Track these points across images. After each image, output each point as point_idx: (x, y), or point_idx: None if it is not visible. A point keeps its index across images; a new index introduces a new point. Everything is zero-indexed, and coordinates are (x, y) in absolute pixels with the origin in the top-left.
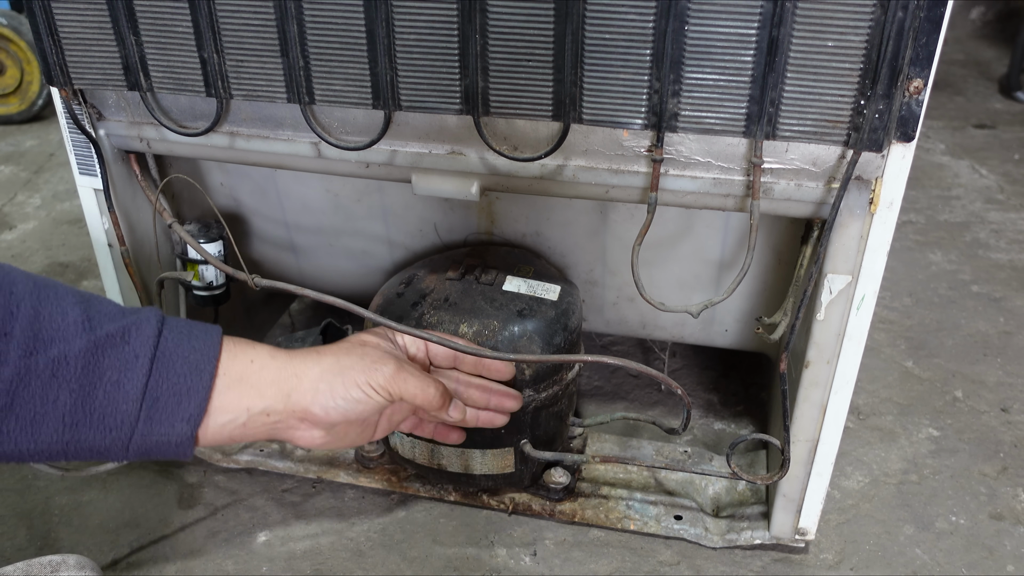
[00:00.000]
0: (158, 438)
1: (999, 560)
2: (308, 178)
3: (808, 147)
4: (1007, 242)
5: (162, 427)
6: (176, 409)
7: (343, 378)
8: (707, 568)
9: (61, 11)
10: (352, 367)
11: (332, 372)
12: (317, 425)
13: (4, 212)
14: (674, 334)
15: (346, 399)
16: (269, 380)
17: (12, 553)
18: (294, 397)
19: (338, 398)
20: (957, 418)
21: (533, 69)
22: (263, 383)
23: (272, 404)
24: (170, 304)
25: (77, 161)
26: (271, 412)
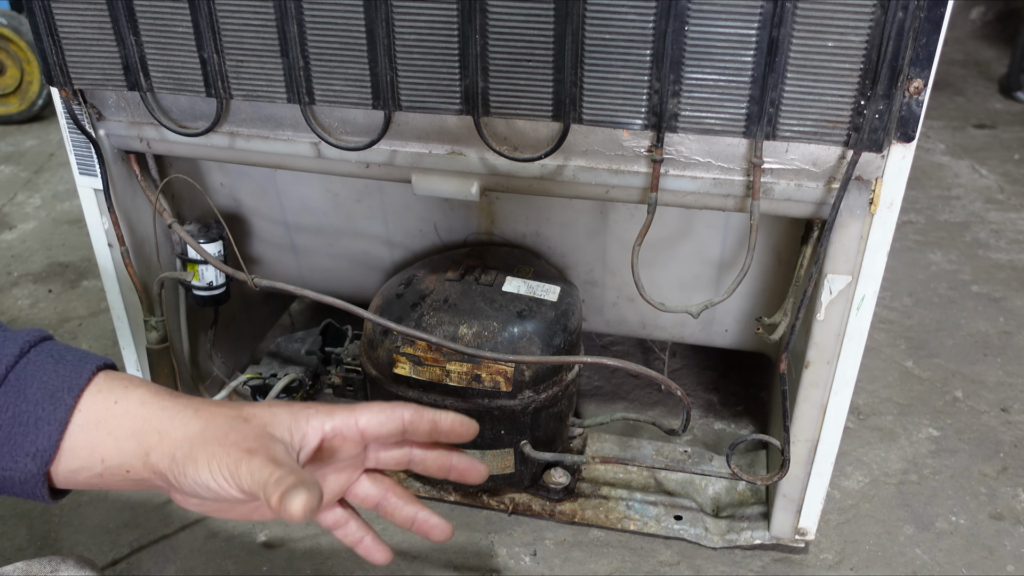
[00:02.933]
0: (1, 472)
1: (999, 560)
2: (308, 178)
3: (808, 147)
4: (1007, 242)
5: (3, 460)
6: (20, 441)
7: (194, 456)
8: (707, 568)
9: (61, 11)
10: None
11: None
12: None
13: (4, 212)
14: (674, 334)
15: (196, 479)
16: (129, 431)
17: (12, 553)
18: (152, 458)
19: (189, 476)
20: (957, 418)
21: (533, 69)
22: (122, 433)
23: (130, 460)
24: (170, 304)
25: (77, 161)
26: (130, 469)
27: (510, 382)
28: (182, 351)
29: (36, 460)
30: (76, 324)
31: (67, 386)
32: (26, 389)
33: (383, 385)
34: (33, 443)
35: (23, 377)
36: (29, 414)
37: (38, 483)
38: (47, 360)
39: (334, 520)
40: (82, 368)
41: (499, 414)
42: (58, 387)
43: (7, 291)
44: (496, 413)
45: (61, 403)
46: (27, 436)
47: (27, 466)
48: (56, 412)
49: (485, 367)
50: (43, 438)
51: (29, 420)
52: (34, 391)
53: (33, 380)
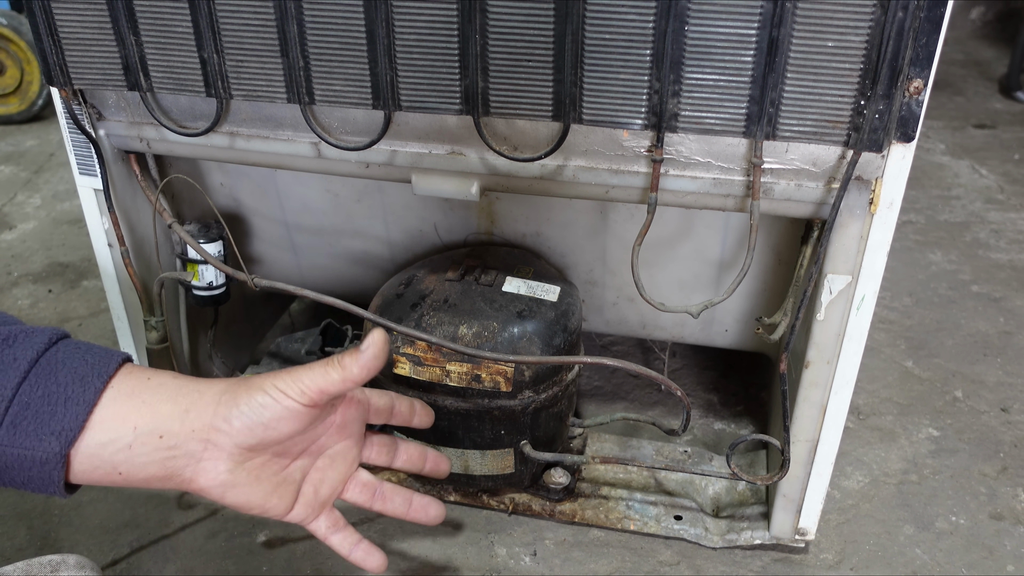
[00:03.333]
0: (20, 451)
1: (999, 560)
2: (308, 178)
3: (808, 147)
4: (1007, 242)
5: (27, 438)
6: (47, 420)
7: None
8: (707, 568)
9: (61, 11)
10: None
11: (236, 383)
12: (221, 448)
13: (4, 212)
14: (674, 334)
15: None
16: (166, 396)
17: (12, 553)
18: (192, 414)
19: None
20: (957, 418)
21: (533, 69)
22: (158, 399)
23: (166, 424)
24: (170, 304)
25: (77, 161)
26: (165, 434)
27: (510, 382)
28: (182, 351)
29: (60, 439)
30: (76, 324)
31: (96, 372)
32: (56, 373)
33: (383, 385)
34: (60, 422)
35: (53, 362)
36: (58, 395)
37: (56, 465)
38: (75, 350)
39: (331, 522)
40: (108, 359)
41: (499, 414)
42: (87, 373)
43: (7, 291)
44: (496, 413)
45: (90, 386)
46: (54, 415)
47: (50, 445)
48: (85, 394)
49: (485, 367)
50: (70, 417)
51: (58, 400)
52: (64, 375)
53: (63, 366)
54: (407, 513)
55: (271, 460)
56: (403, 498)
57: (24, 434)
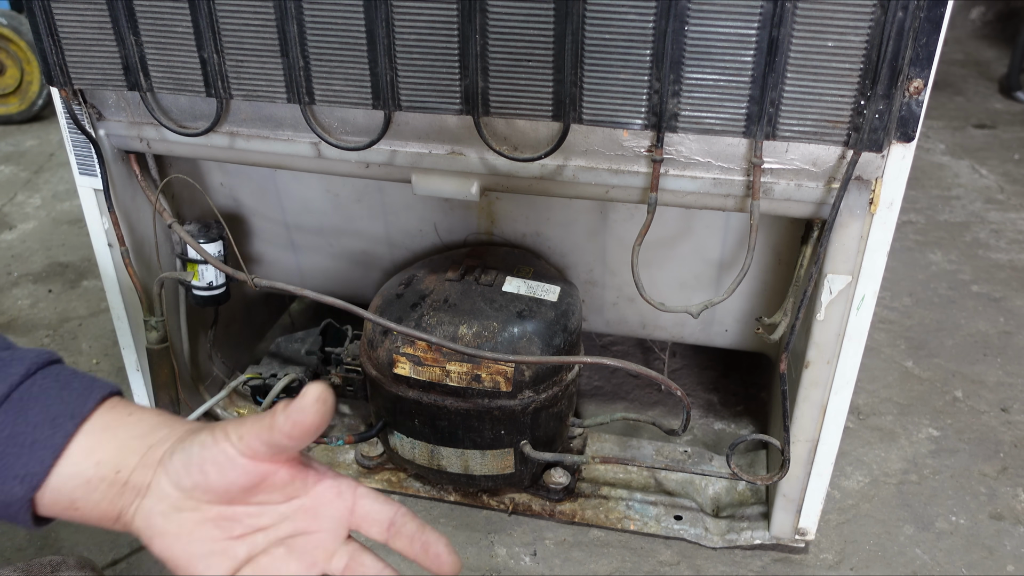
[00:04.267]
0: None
1: (999, 560)
2: (308, 178)
3: (808, 147)
4: (1007, 242)
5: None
6: (13, 463)
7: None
8: (707, 568)
9: (61, 11)
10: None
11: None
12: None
13: (4, 212)
14: (674, 334)
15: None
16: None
17: (12, 553)
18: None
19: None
20: (957, 418)
21: (533, 69)
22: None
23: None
24: (170, 304)
25: (77, 161)
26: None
27: (510, 382)
28: (182, 351)
29: (24, 484)
30: (76, 324)
31: (69, 412)
32: (27, 411)
33: (383, 385)
34: (24, 466)
35: (26, 398)
36: (26, 436)
37: (22, 508)
38: (52, 384)
39: None
40: (87, 396)
41: (499, 414)
42: (60, 412)
43: (7, 291)
44: (496, 413)
45: (60, 429)
46: (20, 458)
47: (14, 489)
48: (54, 437)
49: (485, 367)
50: (35, 462)
51: (24, 442)
52: (35, 414)
53: (36, 402)
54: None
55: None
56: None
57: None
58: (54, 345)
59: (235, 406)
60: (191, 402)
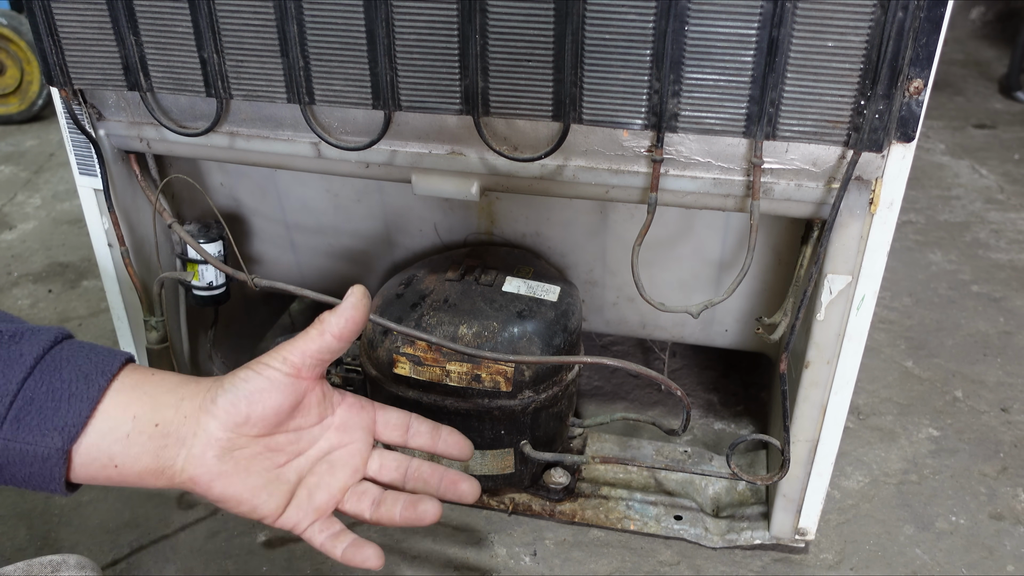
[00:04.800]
0: (23, 447)
1: (999, 560)
2: (308, 178)
3: (808, 147)
4: (1007, 242)
5: (30, 434)
6: (52, 415)
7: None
8: (707, 568)
9: (61, 11)
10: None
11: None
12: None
13: (4, 212)
14: (674, 334)
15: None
16: (167, 388)
17: (12, 553)
18: (187, 401)
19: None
20: (957, 418)
21: (533, 69)
22: (159, 390)
23: (162, 412)
24: (170, 304)
25: (77, 161)
26: (160, 422)
27: (510, 382)
28: (182, 351)
29: (63, 435)
30: (76, 324)
31: (100, 370)
32: (61, 370)
33: (383, 385)
34: (63, 417)
35: (58, 360)
36: (62, 391)
37: (58, 462)
38: (79, 349)
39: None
40: (112, 358)
41: (499, 414)
42: (91, 371)
43: (7, 291)
44: (496, 413)
45: (94, 383)
46: (58, 411)
47: (52, 441)
48: (89, 391)
49: (485, 367)
50: (73, 413)
51: (62, 396)
52: (68, 371)
53: (68, 363)
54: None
55: (263, 453)
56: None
57: (27, 429)
58: None
59: None
60: None
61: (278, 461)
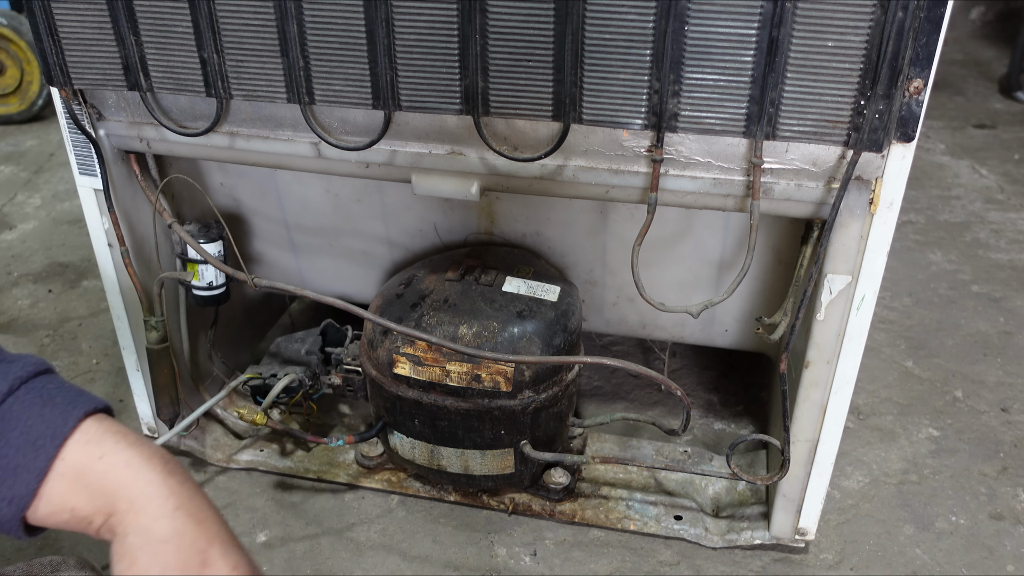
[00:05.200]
0: None
1: (999, 560)
2: (308, 178)
3: (808, 147)
4: (1007, 242)
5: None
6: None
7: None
8: (707, 568)
9: (61, 11)
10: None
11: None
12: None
13: (4, 212)
14: (674, 334)
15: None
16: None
17: (12, 553)
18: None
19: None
20: (957, 418)
21: (533, 69)
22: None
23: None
24: (170, 304)
25: (77, 161)
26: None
27: (510, 382)
28: (182, 351)
29: (12, 506)
30: (76, 324)
31: (50, 433)
32: (9, 433)
33: (383, 385)
34: (11, 489)
35: (8, 419)
36: (9, 459)
37: (14, 526)
38: (35, 401)
39: None
40: (68, 415)
41: (499, 414)
42: (41, 434)
43: (7, 291)
44: (496, 413)
45: (42, 452)
46: (4, 482)
47: (3, 511)
48: (36, 461)
49: (485, 367)
50: (21, 485)
51: (8, 466)
52: (17, 436)
53: (18, 423)
54: None
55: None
56: None
57: None
58: (54, 345)
59: (235, 406)
60: (191, 402)
61: None
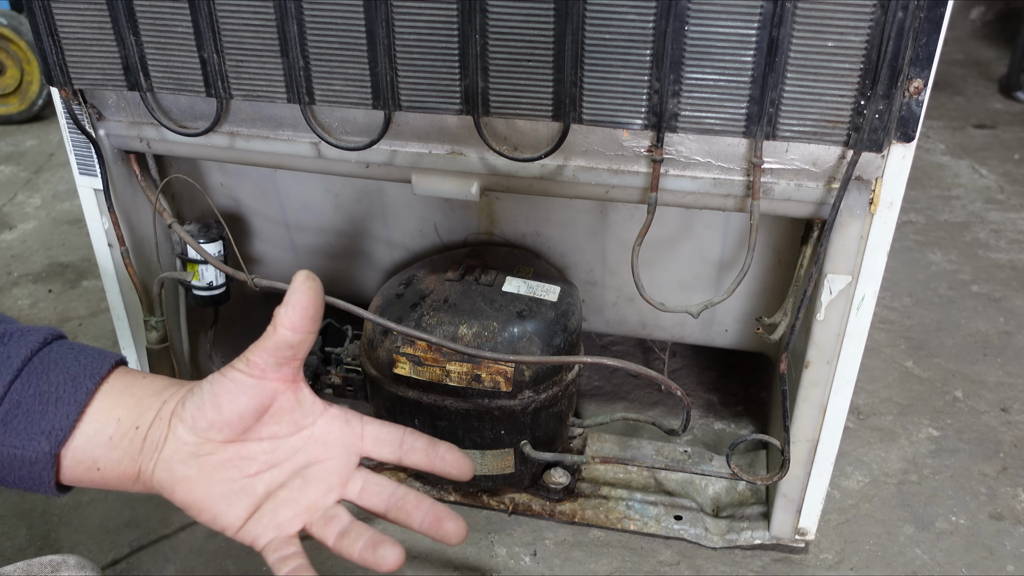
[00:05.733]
0: (10, 451)
1: (999, 560)
2: (308, 178)
3: (808, 147)
4: (1007, 242)
5: (17, 437)
6: (39, 419)
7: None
8: (707, 568)
9: (61, 11)
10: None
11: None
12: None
13: (4, 212)
14: (674, 334)
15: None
16: (153, 390)
17: (12, 553)
18: (168, 404)
19: (195, 387)
20: (957, 418)
21: (533, 69)
22: (145, 393)
23: (144, 415)
24: (170, 304)
25: (77, 161)
26: (141, 424)
27: (510, 382)
28: (182, 351)
29: (50, 438)
30: (76, 324)
31: (88, 373)
32: (49, 372)
33: (383, 385)
34: (50, 421)
35: (46, 362)
36: (50, 394)
37: (47, 465)
38: (69, 351)
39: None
40: (102, 360)
41: (499, 414)
42: (79, 373)
43: (7, 291)
44: (496, 413)
45: (82, 386)
46: (45, 414)
47: (40, 444)
48: (76, 394)
49: (485, 367)
50: (60, 416)
51: (49, 399)
52: (56, 374)
53: (56, 365)
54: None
55: (233, 461)
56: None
57: (15, 433)
58: None
59: None
60: None
61: (248, 470)
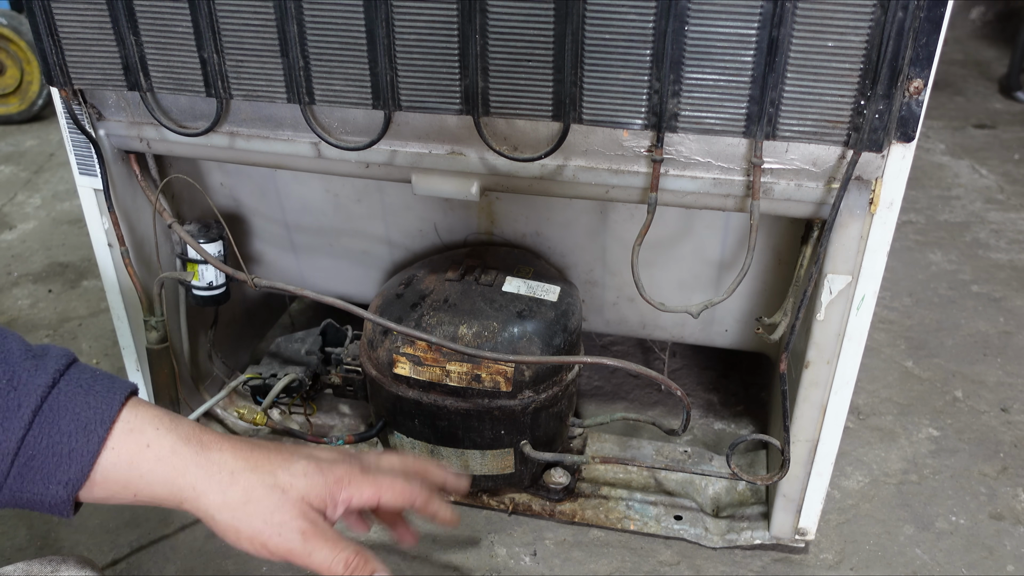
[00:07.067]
0: (30, 496)
1: (999, 560)
2: (308, 178)
3: (808, 147)
4: (1007, 242)
5: (35, 487)
6: (53, 471)
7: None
8: (707, 568)
9: (61, 11)
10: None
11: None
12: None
13: (4, 212)
14: (674, 334)
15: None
16: (163, 479)
17: (12, 553)
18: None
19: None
20: (957, 418)
21: (533, 69)
22: (155, 479)
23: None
24: (170, 304)
25: (77, 161)
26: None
27: (510, 382)
28: (182, 351)
29: (67, 488)
30: (76, 324)
31: (98, 419)
32: (59, 420)
33: (383, 385)
34: (66, 473)
35: (56, 407)
36: (63, 445)
37: (66, 507)
38: (77, 391)
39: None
40: (111, 399)
41: (499, 414)
42: (90, 419)
43: (7, 291)
44: (496, 413)
45: (93, 435)
46: (60, 466)
47: (58, 493)
48: (88, 444)
49: (485, 367)
50: (75, 469)
51: (63, 451)
52: (67, 422)
53: (66, 411)
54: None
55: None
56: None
57: (32, 483)
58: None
59: (235, 406)
60: (191, 402)
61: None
